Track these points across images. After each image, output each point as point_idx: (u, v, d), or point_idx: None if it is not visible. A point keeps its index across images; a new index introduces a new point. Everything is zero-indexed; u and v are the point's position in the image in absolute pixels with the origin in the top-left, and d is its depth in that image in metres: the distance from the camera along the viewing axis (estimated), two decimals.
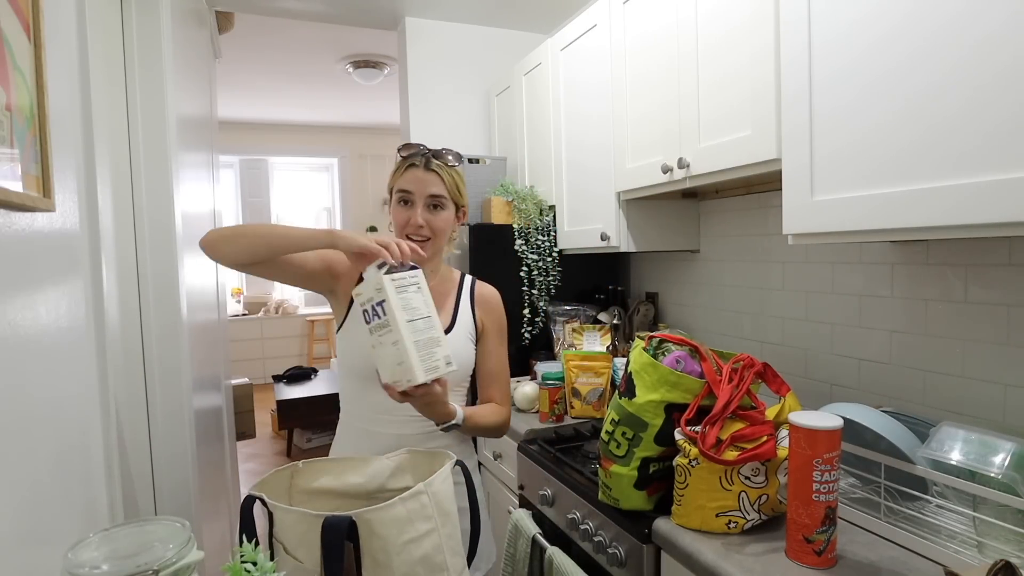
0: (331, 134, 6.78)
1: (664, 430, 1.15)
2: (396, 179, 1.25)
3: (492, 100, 2.77)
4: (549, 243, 2.24)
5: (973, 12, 0.85)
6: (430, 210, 1.23)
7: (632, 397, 1.17)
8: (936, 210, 0.91)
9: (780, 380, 1.20)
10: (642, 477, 1.17)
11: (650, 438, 1.15)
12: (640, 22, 1.66)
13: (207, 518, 1.75)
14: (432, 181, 1.22)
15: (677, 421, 1.15)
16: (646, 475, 1.17)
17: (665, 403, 1.15)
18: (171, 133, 1.47)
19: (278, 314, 6.73)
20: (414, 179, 1.22)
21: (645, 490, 1.19)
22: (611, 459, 1.19)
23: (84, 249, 1.05)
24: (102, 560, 0.64)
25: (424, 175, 1.22)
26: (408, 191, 1.22)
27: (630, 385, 1.18)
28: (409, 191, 1.22)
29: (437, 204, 1.23)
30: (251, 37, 3.72)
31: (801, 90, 1.13)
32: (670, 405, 1.15)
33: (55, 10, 0.94)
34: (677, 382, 1.15)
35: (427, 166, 1.22)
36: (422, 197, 1.22)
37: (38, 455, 0.80)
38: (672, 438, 1.15)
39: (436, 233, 1.23)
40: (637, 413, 1.16)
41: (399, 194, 1.24)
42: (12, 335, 0.74)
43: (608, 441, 1.20)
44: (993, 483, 0.91)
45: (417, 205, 1.22)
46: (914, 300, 1.32)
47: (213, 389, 2.12)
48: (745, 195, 1.79)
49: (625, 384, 1.20)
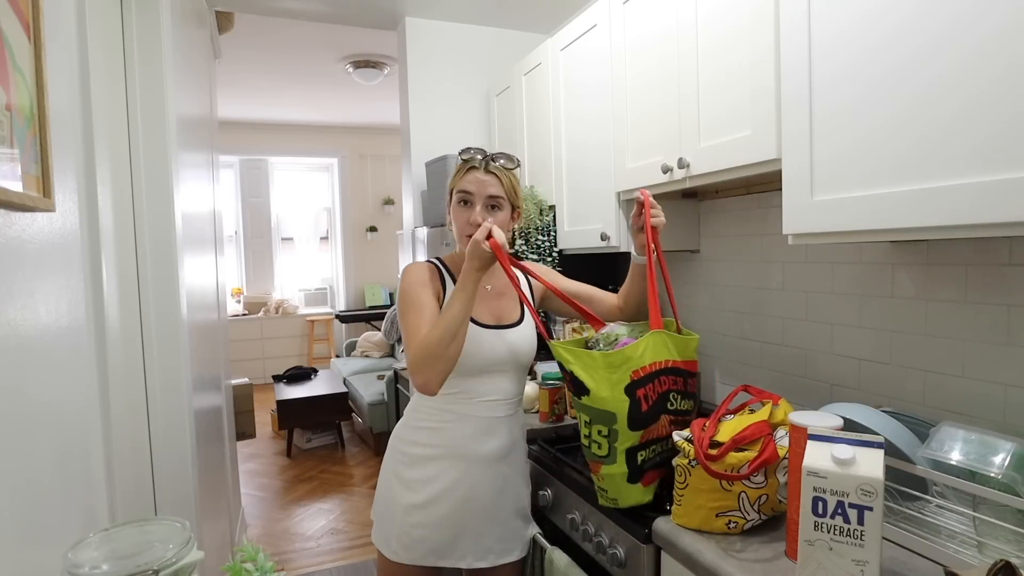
0: (331, 134, 6.79)
1: (634, 413, 1.15)
2: (457, 181, 1.33)
3: (492, 100, 2.77)
4: (549, 243, 2.24)
5: (973, 13, 0.85)
6: (489, 210, 1.30)
7: (587, 393, 1.16)
8: (936, 210, 0.91)
9: (766, 393, 1.22)
10: (632, 470, 1.17)
11: (624, 426, 1.15)
12: (640, 22, 1.66)
13: (207, 518, 1.75)
14: (491, 183, 1.30)
15: (643, 399, 1.15)
16: (636, 467, 1.17)
17: (622, 384, 1.15)
18: (171, 133, 1.48)
19: (278, 314, 6.73)
20: (474, 180, 1.30)
21: (639, 482, 1.18)
22: (598, 462, 1.19)
23: (84, 249, 1.05)
24: (102, 560, 0.64)
25: (484, 177, 1.30)
26: (468, 192, 1.30)
27: (578, 384, 1.17)
28: (469, 192, 1.30)
29: (495, 205, 1.31)
30: (251, 37, 3.72)
31: (801, 90, 1.13)
32: (628, 385, 1.15)
33: (55, 10, 0.94)
34: (621, 362, 1.15)
35: (486, 168, 1.30)
36: (481, 198, 1.29)
37: (38, 455, 0.80)
38: (647, 419, 1.15)
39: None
40: (600, 406, 1.15)
41: (459, 195, 1.31)
42: (12, 335, 0.74)
43: (589, 445, 1.19)
44: (993, 483, 0.91)
45: (476, 205, 1.29)
46: (914, 300, 1.32)
47: (213, 389, 2.12)
48: (745, 195, 1.79)
49: (572, 384, 1.19)
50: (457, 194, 1.32)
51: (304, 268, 7.13)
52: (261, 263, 6.91)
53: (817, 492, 0.85)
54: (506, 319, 1.39)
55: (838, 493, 0.83)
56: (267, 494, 3.58)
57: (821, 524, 0.85)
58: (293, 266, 7.08)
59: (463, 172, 1.32)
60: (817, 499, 0.85)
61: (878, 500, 0.81)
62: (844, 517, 0.83)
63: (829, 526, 0.84)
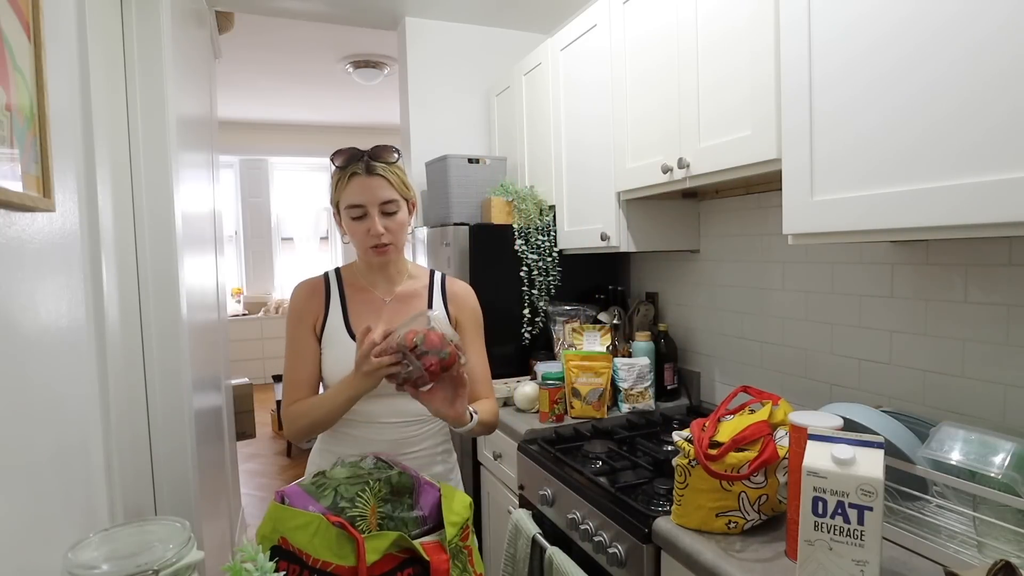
0: (331, 134, 6.78)
1: None
2: (341, 192, 1.18)
3: (492, 100, 2.77)
4: (549, 243, 2.24)
5: (973, 12, 0.85)
6: (385, 216, 1.18)
7: None
8: (936, 210, 0.91)
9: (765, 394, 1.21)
10: None
11: None
12: (640, 22, 1.66)
13: (207, 518, 1.75)
14: (380, 186, 1.16)
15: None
16: None
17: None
18: (171, 133, 1.47)
19: (278, 314, 6.73)
20: (361, 189, 1.16)
21: None
22: None
23: (84, 249, 1.05)
24: (102, 560, 0.64)
25: (369, 181, 1.16)
26: (359, 204, 1.17)
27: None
28: (359, 204, 1.17)
29: (390, 211, 1.19)
30: (251, 37, 3.72)
31: (801, 90, 1.13)
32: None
33: (55, 10, 0.94)
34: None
35: (370, 171, 1.16)
36: (375, 206, 1.17)
37: (38, 455, 0.80)
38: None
39: (396, 236, 1.21)
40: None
41: (349, 210, 1.18)
42: (12, 335, 0.74)
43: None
44: (993, 483, 0.91)
45: (372, 215, 1.17)
46: (914, 300, 1.32)
47: (213, 389, 2.12)
48: (745, 195, 1.79)
49: None
50: (346, 209, 1.18)
51: (304, 268, 7.13)
52: (261, 263, 6.91)
53: (817, 492, 0.85)
54: None
55: (838, 493, 0.84)
56: (267, 494, 3.58)
57: (821, 524, 0.85)
58: (293, 266, 7.08)
59: (345, 181, 1.17)
60: (817, 499, 0.85)
61: (878, 500, 0.81)
62: (844, 517, 0.83)
63: (829, 526, 0.84)
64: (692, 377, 2.05)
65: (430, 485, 1.02)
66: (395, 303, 1.28)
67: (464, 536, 1.00)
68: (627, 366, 1.90)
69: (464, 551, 0.99)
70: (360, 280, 1.29)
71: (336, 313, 1.25)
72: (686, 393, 2.05)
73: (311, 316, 1.25)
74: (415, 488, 1.01)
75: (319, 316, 1.25)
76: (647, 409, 1.90)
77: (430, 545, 0.93)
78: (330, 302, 1.26)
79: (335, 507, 0.95)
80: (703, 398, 2.03)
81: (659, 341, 2.03)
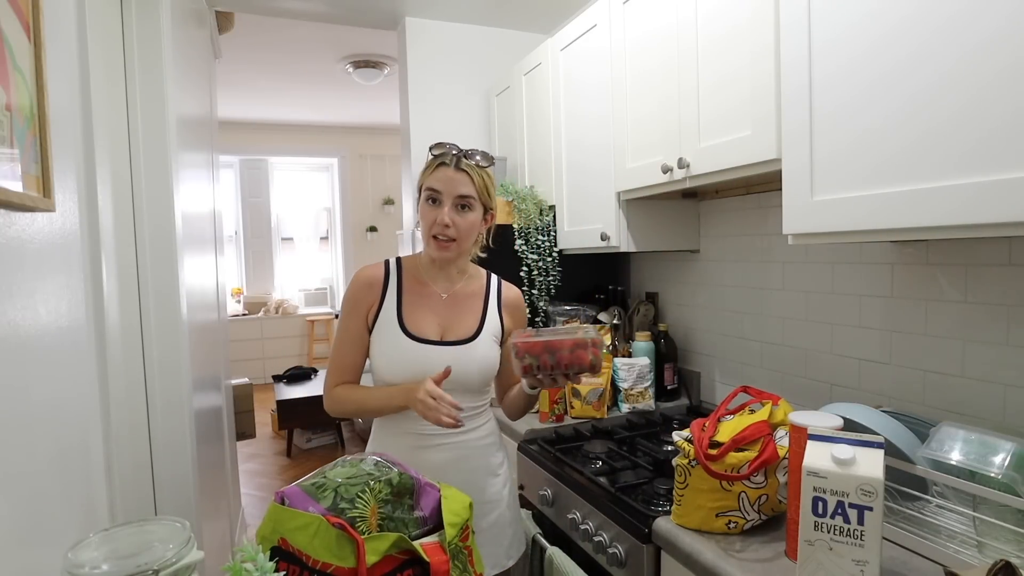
0: (331, 134, 6.78)
1: None
2: (425, 177, 1.25)
3: (492, 100, 2.77)
4: (549, 243, 2.24)
5: (973, 12, 0.85)
6: (458, 210, 1.22)
7: None
8: (936, 210, 0.91)
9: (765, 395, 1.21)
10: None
11: None
12: (640, 22, 1.66)
13: (207, 518, 1.75)
14: (461, 181, 1.21)
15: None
16: None
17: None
18: (171, 133, 1.47)
19: (278, 314, 6.73)
20: (443, 178, 1.21)
21: None
22: None
23: (84, 249, 1.05)
24: (102, 560, 0.64)
25: (454, 174, 1.21)
26: (436, 190, 1.22)
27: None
28: (437, 190, 1.22)
29: (465, 205, 1.23)
30: (251, 37, 3.72)
31: (801, 90, 1.13)
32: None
33: (55, 10, 0.94)
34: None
35: (457, 165, 1.21)
36: (450, 197, 1.21)
37: (38, 455, 0.80)
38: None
39: (462, 234, 1.23)
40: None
41: (427, 192, 1.23)
42: (12, 335, 0.74)
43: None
44: (993, 483, 0.91)
45: (445, 204, 1.21)
46: (914, 300, 1.32)
47: (213, 389, 2.12)
48: (745, 195, 1.79)
49: None
50: (425, 191, 1.24)
51: (304, 268, 7.13)
52: (261, 263, 6.90)
53: (817, 492, 0.85)
54: (455, 333, 1.27)
55: (838, 493, 0.84)
56: (267, 494, 3.58)
57: (821, 524, 0.85)
58: (293, 266, 7.07)
59: (432, 168, 1.23)
60: (817, 499, 0.85)
61: (878, 500, 0.81)
62: (844, 517, 0.84)
63: (829, 526, 0.84)
64: (692, 377, 2.05)
65: (430, 486, 1.02)
66: (451, 300, 1.31)
67: (464, 537, 1.00)
68: (627, 366, 1.90)
69: (464, 552, 0.99)
70: (421, 274, 1.32)
71: (391, 303, 1.27)
72: (686, 393, 2.05)
73: (365, 305, 1.28)
74: (415, 489, 1.01)
75: (373, 305, 1.28)
76: (647, 409, 1.90)
77: (430, 546, 0.93)
78: (386, 292, 1.29)
79: (335, 508, 0.95)
80: (703, 398, 2.03)
81: (659, 341, 2.03)
